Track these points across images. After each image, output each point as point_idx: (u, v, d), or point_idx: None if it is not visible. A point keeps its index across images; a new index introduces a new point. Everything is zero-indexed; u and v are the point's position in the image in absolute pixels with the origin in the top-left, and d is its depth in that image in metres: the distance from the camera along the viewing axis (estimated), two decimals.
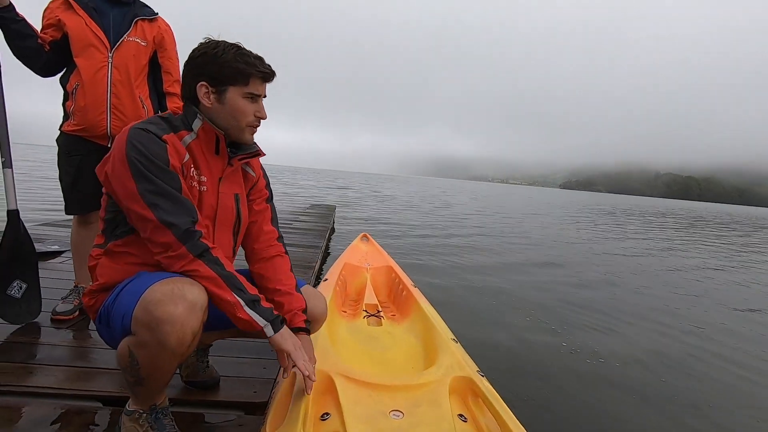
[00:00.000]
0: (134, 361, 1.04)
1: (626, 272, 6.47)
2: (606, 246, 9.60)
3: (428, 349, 1.93)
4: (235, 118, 1.18)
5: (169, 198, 1.06)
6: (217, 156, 1.21)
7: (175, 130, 1.15)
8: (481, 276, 5.22)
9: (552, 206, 28.14)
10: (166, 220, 1.04)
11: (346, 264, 2.95)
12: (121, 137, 1.08)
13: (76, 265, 2.05)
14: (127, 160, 1.05)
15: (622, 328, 3.71)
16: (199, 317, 1.03)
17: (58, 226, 4.18)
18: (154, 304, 0.97)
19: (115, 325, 1.06)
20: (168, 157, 1.09)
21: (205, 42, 1.18)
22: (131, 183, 1.04)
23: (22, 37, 1.73)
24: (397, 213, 13.24)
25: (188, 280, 1.04)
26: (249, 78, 1.16)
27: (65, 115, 1.87)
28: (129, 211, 1.08)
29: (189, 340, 1.01)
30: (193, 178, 1.16)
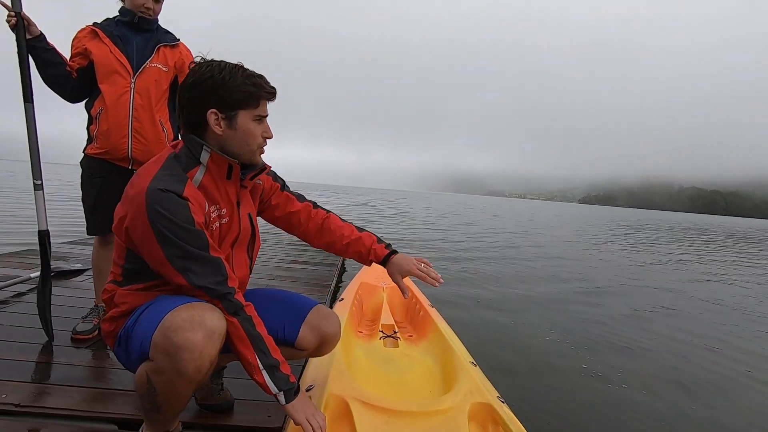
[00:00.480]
0: (152, 387, 1.03)
1: (659, 294, 6.21)
2: (637, 265, 9.32)
3: (446, 372, 1.88)
4: (247, 143, 1.16)
5: (199, 260, 1.05)
6: (229, 181, 1.19)
7: (186, 169, 1.12)
8: (501, 296, 5.10)
9: (575, 222, 27.57)
10: (198, 285, 1.05)
11: (363, 283, 2.93)
12: (139, 198, 1.03)
13: (96, 284, 2.08)
14: (151, 226, 1.01)
15: (649, 353, 3.55)
16: (217, 345, 1.03)
17: (83, 245, 4.29)
18: (174, 330, 0.97)
19: (134, 350, 1.06)
20: (192, 216, 1.05)
21: (204, 65, 1.12)
22: (157, 248, 1.02)
23: (51, 65, 1.81)
24: (413, 230, 13.19)
25: (209, 306, 1.04)
26: (259, 100, 1.14)
27: (89, 139, 1.93)
28: (158, 271, 1.08)
29: (206, 368, 1.01)
30: (215, 219, 1.16)
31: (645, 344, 3.71)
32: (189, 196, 1.06)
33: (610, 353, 3.41)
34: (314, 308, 1.34)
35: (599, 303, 5.13)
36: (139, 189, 1.03)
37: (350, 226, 1.46)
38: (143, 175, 1.07)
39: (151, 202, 1.01)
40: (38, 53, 1.77)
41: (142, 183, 1.04)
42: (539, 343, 3.50)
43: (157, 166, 1.09)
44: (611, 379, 2.89)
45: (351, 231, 1.44)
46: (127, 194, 1.07)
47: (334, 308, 2.53)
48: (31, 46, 1.76)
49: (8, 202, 11.49)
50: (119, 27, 1.89)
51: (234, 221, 1.21)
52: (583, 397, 2.61)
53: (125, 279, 1.14)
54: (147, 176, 1.06)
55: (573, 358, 3.24)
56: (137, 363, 1.07)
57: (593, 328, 4.06)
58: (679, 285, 7.02)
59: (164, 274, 1.06)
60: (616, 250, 11.91)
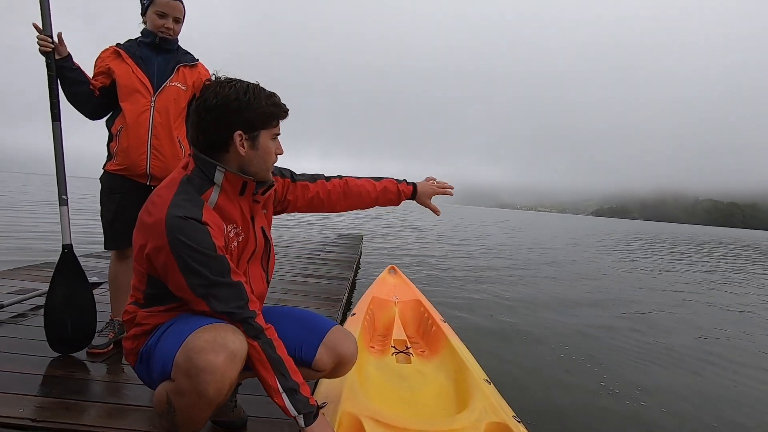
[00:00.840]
0: (171, 407, 1.04)
1: (679, 308, 6.06)
2: (658, 278, 9.14)
3: (460, 390, 1.85)
4: (266, 161, 1.19)
5: (220, 287, 1.05)
6: (242, 197, 1.20)
7: (201, 191, 1.11)
8: (515, 312, 5.01)
9: (592, 235, 27.12)
10: (221, 311, 1.06)
11: (374, 297, 2.92)
12: (159, 227, 1.02)
13: (112, 298, 2.11)
14: (173, 255, 1.02)
15: (668, 371, 3.46)
16: (238, 368, 1.03)
17: (98, 258, 4.35)
18: (197, 352, 0.97)
19: (155, 368, 1.07)
20: (213, 241, 1.05)
21: (225, 86, 1.11)
22: (180, 277, 1.03)
23: (76, 84, 1.86)
24: (425, 243, 13.14)
25: (231, 327, 1.05)
26: (278, 119, 1.17)
27: (109, 155, 1.97)
28: (181, 297, 1.09)
29: (227, 390, 1.02)
30: (233, 238, 1.17)
31: (663, 362, 3.62)
32: (208, 221, 1.06)
33: (628, 370, 3.33)
34: (332, 329, 1.33)
35: (615, 320, 5.03)
36: (158, 217, 1.03)
37: (369, 181, 1.56)
38: (158, 202, 1.06)
39: (171, 230, 1.01)
40: (65, 72, 1.84)
41: (160, 211, 1.04)
42: (554, 360, 3.43)
43: (172, 191, 1.09)
44: (629, 397, 2.82)
45: (373, 185, 1.55)
46: (144, 222, 1.07)
47: (347, 323, 2.52)
48: (58, 66, 1.82)
49: (25, 216, 11.76)
50: (141, 48, 1.95)
51: (250, 237, 1.23)
52: (600, 416, 2.55)
53: (147, 302, 1.14)
54: (163, 204, 1.05)
55: (589, 375, 3.17)
56: (158, 381, 1.07)
57: (609, 344, 3.98)
58: (702, 302, 6.83)
59: (187, 301, 1.08)
60: (632, 265, 11.72)
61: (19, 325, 2.26)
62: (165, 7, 1.91)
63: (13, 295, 2.66)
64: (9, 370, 1.71)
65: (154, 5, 1.90)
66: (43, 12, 1.78)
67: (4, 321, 2.27)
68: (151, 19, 1.92)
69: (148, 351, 1.11)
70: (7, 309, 2.41)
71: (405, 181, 1.62)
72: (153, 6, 1.90)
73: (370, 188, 1.54)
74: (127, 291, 2.05)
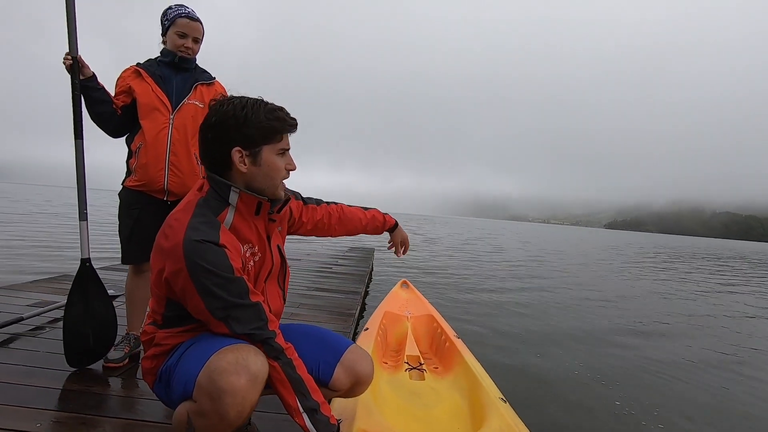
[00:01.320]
0: (191, 428, 1.04)
1: (700, 327, 5.84)
2: (673, 294, 8.94)
3: (475, 408, 1.82)
4: (272, 177, 1.15)
5: (240, 309, 1.05)
6: (257, 216, 1.19)
7: (217, 212, 1.11)
8: (529, 329, 4.91)
9: (609, 249, 26.57)
10: (241, 332, 1.06)
11: (387, 312, 2.90)
12: (177, 252, 1.02)
13: (128, 312, 2.13)
14: (192, 279, 1.01)
15: (685, 390, 3.36)
16: (260, 389, 1.03)
17: (114, 270, 4.41)
18: (219, 373, 0.97)
19: (176, 388, 1.07)
20: (231, 264, 1.04)
21: (225, 103, 1.12)
22: (199, 300, 1.03)
23: (100, 103, 1.92)
24: (436, 257, 13.06)
25: (253, 348, 1.05)
26: (282, 134, 1.14)
27: (128, 172, 2.02)
28: (200, 319, 1.09)
29: (247, 413, 1.01)
30: (249, 258, 1.17)
31: (681, 381, 3.52)
32: (225, 243, 1.06)
33: (645, 390, 3.24)
34: (349, 348, 1.32)
35: (633, 337, 4.90)
36: (176, 242, 1.03)
37: (360, 209, 1.67)
38: (176, 226, 1.06)
39: (190, 254, 1.01)
40: (89, 92, 1.89)
41: (177, 235, 1.04)
42: (570, 379, 3.35)
43: (188, 214, 1.08)
44: (646, 417, 2.74)
45: (363, 213, 1.66)
46: (161, 246, 1.07)
47: (360, 338, 2.51)
48: (83, 86, 1.88)
49: (45, 228, 12.01)
50: (161, 67, 2.00)
51: (266, 256, 1.23)
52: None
53: (165, 323, 1.15)
54: (180, 227, 1.05)
55: (605, 394, 3.09)
56: (177, 401, 1.07)
57: (629, 363, 3.88)
58: (727, 320, 6.64)
59: (206, 323, 1.08)
60: (652, 279, 11.48)
61: (38, 338, 2.29)
62: (185, 28, 1.97)
63: (33, 308, 2.70)
64: (27, 383, 1.73)
65: (175, 26, 1.96)
66: (69, 32, 1.84)
67: (23, 334, 2.31)
68: (171, 39, 1.98)
69: (167, 371, 1.11)
70: (27, 321, 2.45)
71: (381, 223, 1.73)
72: (174, 27, 1.96)
73: (361, 216, 1.65)
74: (143, 305, 2.08)
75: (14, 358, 1.98)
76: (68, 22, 1.84)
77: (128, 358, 2.02)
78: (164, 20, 1.99)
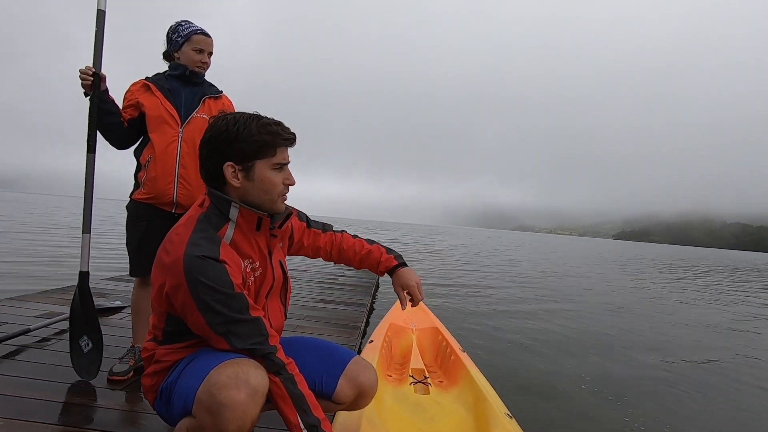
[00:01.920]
0: None
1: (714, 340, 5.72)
2: (684, 304, 8.80)
3: (480, 423, 1.80)
4: (267, 192, 1.15)
5: (239, 324, 1.05)
6: (258, 232, 1.19)
7: (217, 227, 1.12)
8: (535, 341, 4.84)
9: (623, 260, 26.10)
10: (241, 348, 1.06)
11: (392, 324, 2.88)
12: (177, 267, 1.03)
13: (134, 324, 2.14)
14: (191, 295, 1.02)
15: (692, 403, 3.29)
16: (260, 404, 1.01)
17: (122, 281, 4.44)
18: (218, 388, 0.97)
19: (176, 405, 1.06)
20: (231, 279, 1.05)
21: (219, 119, 1.14)
22: (198, 316, 1.04)
23: (109, 115, 1.94)
24: (442, 268, 13.00)
25: (253, 362, 1.04)
26: (276, 148, 1.13)
27: (136, 184, 2.04)
28: (200, 335, 1.09)
29: (248, 428, 1.00)
30: (249, 273, 1.17)
31: (696, 399, 3.44)
32: (225, 259, 1.07)
33: (655, 405, 3.17)
34: (352, 360, 1.31)
35: (641, 351, 4.82)
36: (176, 257, 1.04)
37: (360, 242, 1.55)
38: (176, 241, 1.07)
39: (190, 270, 1.02)
40: (101, 105, 1.91)
41: (177, 250, 1.05)
42: (577, 395, 3.29)
43: (189, 229, 1.10)
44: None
45: (361, 246, 1.54)
46: (162, 261, 1.08)
47: (365, 350, 2.49)
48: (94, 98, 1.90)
49: (52, 238, 12.14)
50: (169, 80, 2.04)
51: (268, 272, 1.23)
52: None
53: (165, 339, 1.15)
54: (181, 242, 1.06)
55: (614, 410, 3.03)
56: (178, 418, 1.07)
57: (636, 378, 3.81)
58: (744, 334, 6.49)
59: (206, 339, 1.08)
60: (664, 290, 11.32)
61: (44, 349, 2.30)
62: (202, 44, 2.02)
63: (40, 319, 2.73)
64: (33, 396, 1.73)
65: (191, 42, 2.01)
66: (96, 49, 1.89)
67: (29, 345, 2.32)
68: (188, 55, 2.01)
69: (168, 387, 1.10)
70: (34, 333, 2.46)
71: (395, 254, 1.54)
72: (190, 43, 2.01)
73: (358, 249, 1.53)
74: (149, 318, 2.08)
75: (20, 370, 2.00)
76: (96, 39, 1.88)
77: (133, 371, 2.02)
78: (177, 37, 2.02)
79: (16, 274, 6.31)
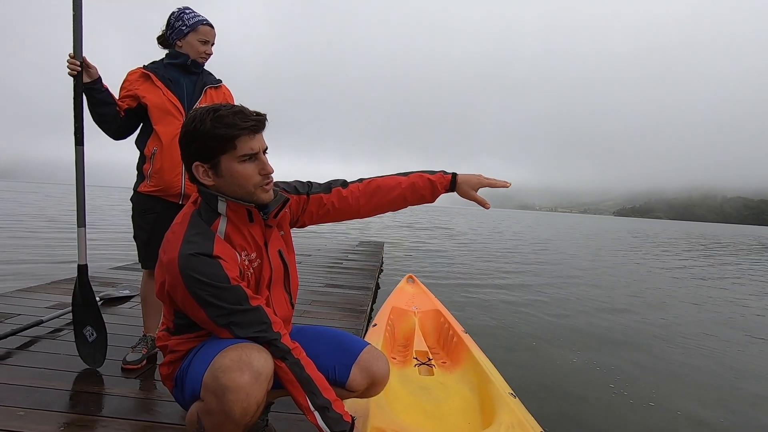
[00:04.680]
0: (201, 427, 1.07)
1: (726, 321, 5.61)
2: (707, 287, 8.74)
3: (485, 403, 1.84)
4: (241, 186, 1.12)
5: (240, 314, 1.08)
6: (252, 224, 1.19)
7: (209, 222, 1.13)
8: (538, 323, 4.89)
9: (633, 238, 25.84)
10: (244, 337, 1.09)
11: (394, 308, 2.92)
12: (173, 266, 1.05)
13: (145, 314, 2.18)
14: (189, 292, 1.05)
15: (697, 378, 3.35)
16: (264, 387, 1.04)
17: (129, 270, 4.45)
18: (222, 371, 1.00)
19: (188, 390, 1.11)
20: (226, 273, 1.06)
21: (188, 117, 1.13)
22: (199, 311, 1.07)
23: (103, 105, 1.90)
24: (445, 250, 13.04)
25: (256, 346, 1.08)
26: (235, 140, 1.07)
27: (140, 176, 2.02)
28: (205, 328, 1.13)
29: (253, 411, 1.03)
30: (247, 266, 1.18)
31: (694, 370, 3.51)
32: (219, 254, 1.08)
33: (656, 381, 3.24)
34: (365, 349, 1.33)
35: (650, 336, 4.83)
36: (172, 256, 1.06)
37: (394, 177, 1.41)
38: (172, 240, 1.09)
39: (184, 268, 1.04)
40: (93, 94, 1.87)
41: (173, 249, 1.07)
42: (586, 377, 3.31)
43: (184, 227, 1.11)
44: (660, 407, 2.74)
45: (398, 180, 1.39)
46: (161, 260, 1.11)
47: (369, 334, 2.53)
48: (87, 88, 1.86)
49: (59, 229, 12.22)
50: (168, 69, 2.00)
51: (265, 262, 1.23)
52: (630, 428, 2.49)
53: (177, 330, 1.19)
54: (176, 241, 1.08)
55: (616, 388, 3.08)
56: (190, 402, 1.11)
57: (640, 358, 3.87)
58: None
59: (210, 331, 1.12)
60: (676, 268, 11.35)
61: (57, 340, 2.35)
62: (208, 35, 2.01)
63: (52, 310, 2.78)
64: (48, 386, 1.78)
65: (197, 33, 1.98)
66: (75, 36, 1.81)
67: (43, 336, 2.37)
68: (193, 45, 1.99)
69: (181, 375, 1.15)
70: (46, 324, 2.51)
71: (443, 171, 1.40)
72: (195, 34, 1.98)
73: (395, 184, 1.38)
74: (159, 307, 2.12)
75: (35, 360, 2.05)
76: (74, 23, 1.80)
77: (146, 359, 2.08)
78: (181, 25, 1.99)
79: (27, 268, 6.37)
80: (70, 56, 1.83)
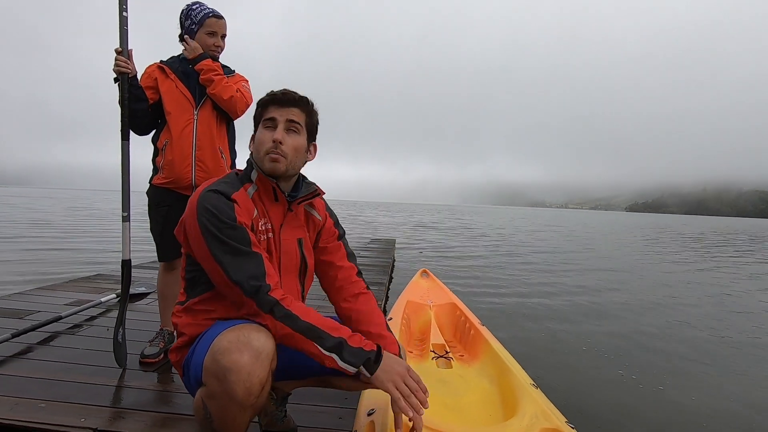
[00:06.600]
0: (207, 413, 1.05)
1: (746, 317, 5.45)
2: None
3: (506, 395, 1.80)
4: (257, 150, 1.22)
5: (237, 254, 1.07)
6: (276, 203, 1.25)
7: (242, 182, 1.21)
8: (559, 316, 4.81)
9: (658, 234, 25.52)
10: (235, 279, 1.06)
11: (409, 302, 2.90)
12: (193, 199, 1.14)
13: (161, 308, 2.19)
14: (197, 221, 1.09)
15: (718, 376, 3.26)
16: (266, 366, 1.01)
17: (145, 268, 4.50)
18: (221, 353, 0.98)
19: (193, 377, 1.09)
20: (235, 215, 1.10)
21: None
22: (202, 242, 1.09)
23: (138, 101, 1.93)
24: (458, 244, 12.96)
25: (255, 326, 1.05)
26: (266, 106, 1.22)
27: (155, 169, 2.04)
28: (205, 268, 1.13)
29: (257, 391, 1.00)
30: (263, 231, 1.20)
31: (721, 367, 3.42)
32: (237, 199, 1.14)
33: (679, 373, 3.17)
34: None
35: (674, 328, 4.75)
36: (197, 194, 1.15)
37: (381, 317, 1.31)
38: (205, 185, 1.18)
39: (201, 200, 1.11)
40: (132, 90, 1.91)
41: (200, 190, 1.16)
42: (607, 369, 3.25)
43: (218, 178, 1.23)
44: (683, 398, 2.68)
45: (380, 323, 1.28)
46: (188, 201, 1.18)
47: None
48: (129, 85, 1.89)
49: (73, 229, 12.42)
50: (182, 63, 2.02)
51: (275, 240, 1.23)
52: (653, 417, 2.43)
53: (187, 293, 1.21)
54: (207, 184, 1.18)
55: (639, 379, 3.02)
56: (196, 389, 1.09)
57: (664, 351, 3.78)
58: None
59: (208, 271, 1.11)
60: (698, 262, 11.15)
61: (76, 335, 2.38)
62: (215, 27, 2.00)
63: (70, 307, 2.81)
64: (69, 380, 1.80)
65: (205, 26, 1.98)
66: (121, 35, 1.86)
67: (62, 332, 2.40)
68: (202, 39, 1.99)
69: (187, 362, 1.14)
70: (65, 320, 2.54)
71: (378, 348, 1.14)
72: (203, 27, 1.98)
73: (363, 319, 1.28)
74: (175, 301, 2.12)
75: (55, 355, 2.07)
76: (120, 22, 1.85)
77: (163, 353, 2.08)
78: (190, 24, 1.99)
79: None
80: (117, 52, 1.85)
